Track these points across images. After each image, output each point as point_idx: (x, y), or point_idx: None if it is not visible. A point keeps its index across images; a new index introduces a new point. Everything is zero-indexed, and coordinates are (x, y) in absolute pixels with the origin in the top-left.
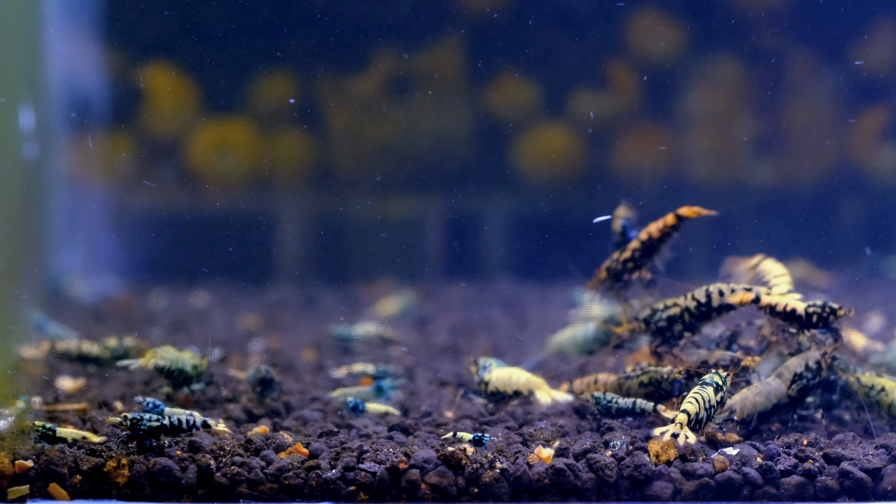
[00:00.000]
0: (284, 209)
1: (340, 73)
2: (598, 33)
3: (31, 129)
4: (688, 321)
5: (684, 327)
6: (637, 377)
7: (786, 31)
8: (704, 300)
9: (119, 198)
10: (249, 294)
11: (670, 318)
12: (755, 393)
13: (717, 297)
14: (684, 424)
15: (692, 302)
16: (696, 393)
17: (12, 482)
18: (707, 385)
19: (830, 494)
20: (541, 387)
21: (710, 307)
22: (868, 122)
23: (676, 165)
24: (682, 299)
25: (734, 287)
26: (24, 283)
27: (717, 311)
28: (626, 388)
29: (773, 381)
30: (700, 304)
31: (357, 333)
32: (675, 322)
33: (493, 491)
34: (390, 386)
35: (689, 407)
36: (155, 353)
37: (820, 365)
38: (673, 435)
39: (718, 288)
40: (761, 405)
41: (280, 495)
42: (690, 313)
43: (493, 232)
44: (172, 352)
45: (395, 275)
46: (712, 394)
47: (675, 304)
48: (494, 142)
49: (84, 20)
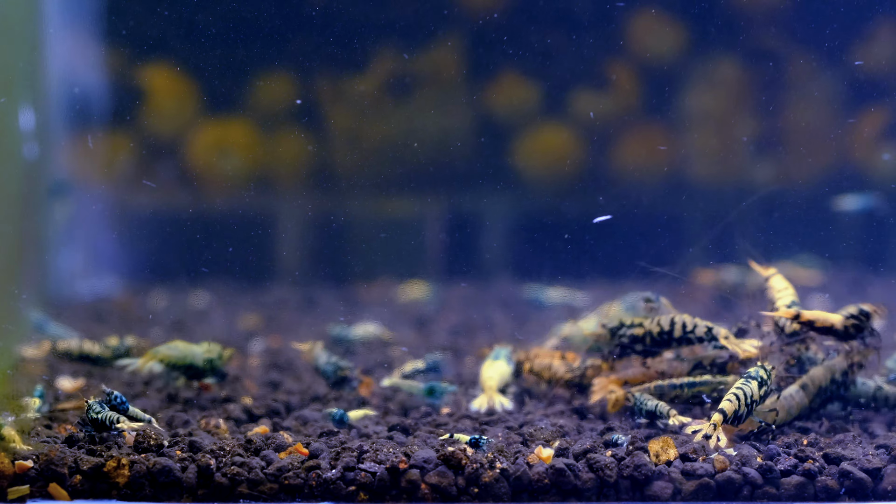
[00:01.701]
0: (284, 209)
1: (340, 74)
2: (598, 33)
3: (31, 129)
4: (648, 344)
5: (644, 349)
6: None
7: (786, 31)
8: (668, 328)
9: (119, 198)
10: (249, 294)
11: (633, 337)
12: (778, 407)
13: (679, 329)
14: (718, 425)
15: (656, 327)
16: (738, 388)
17: (12, 482)
18: (752, 379)
19: (830, 494)
20: (487, 391)
21: (672, 337)
22: (868, 122)
23: (676, 165)
24: (647, 321)
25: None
26: (24, 283)
27: (677, 342)
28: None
29: (797, 394)
30: (663, 332)
31: (355, 334)
32: (637, 342)
33: (493, 491)
34: (442, 390)
35: (727, 405)
36: (155, 354)
37: (847, 375)
38: (705, 436)
39: (683, 319)
40: (782, 420)
41: (280, 495)
42: (652, 338)
43: (493, 232)
44: (182, 346)
45: (394, 274)
46: (756, 388)
47: (640, 325)
48: (494, 142)
49: (84, 20)
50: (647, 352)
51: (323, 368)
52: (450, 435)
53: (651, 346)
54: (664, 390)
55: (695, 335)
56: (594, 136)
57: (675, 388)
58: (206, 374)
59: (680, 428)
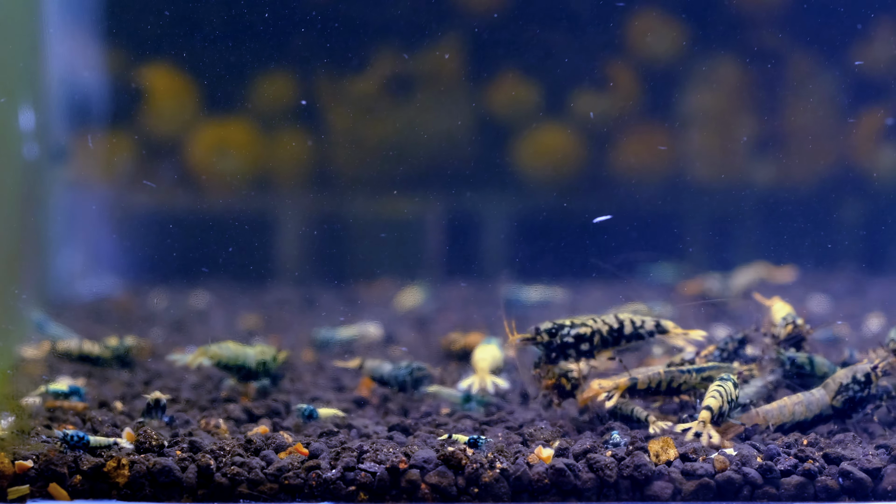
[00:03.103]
0: (284, 209)
1: (340, 73)
2: (598, 33)
3: (31, 129)
4: (597, 343)
5: (590, 348)
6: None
7: (786, 31)
8: (617, 325)
9: (119, 198)
10: (249, 294)
11: (579, 336)
12: (795, 402)
13: (629, 326)
14: (707, 422)
15: (605, 326)
16: (717, 387)
17: (12, 482)
18: (726, 380)
19: (830, 494)
20: (479, 372)
21: (622, 334)
22: (868, 122)
23: (676, 165)
24: (591, 321)
25: (656, 319)
26: (24, 283)
27: (626, 339)
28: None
29: (818, 391)
30: (612, 329)
31: (340, 336)
32: (584, 341)
33: (493, 491)
34: (480, 400)
35: (712, 402)
36: (206, 351)
37: (869, 378)
38: (696, 434)
39: (631, 317)
40: (801, 414)
41: (280, 495)
42: (601, 336)
43: (493, 232)
44: (233, 346)
45: (394, 274)
46: (732, 388)
47: (585, 325)
48: (494, 142)
49: (84, 20)
50: (585, 353)
51: (393, 375)
52: (448, 435)
53: (600, 345)
54: (674, 375)
55: (644, 330)
56: (594, 135)
57: (685, 373)
58: (258, 376)
59: (666, 431)
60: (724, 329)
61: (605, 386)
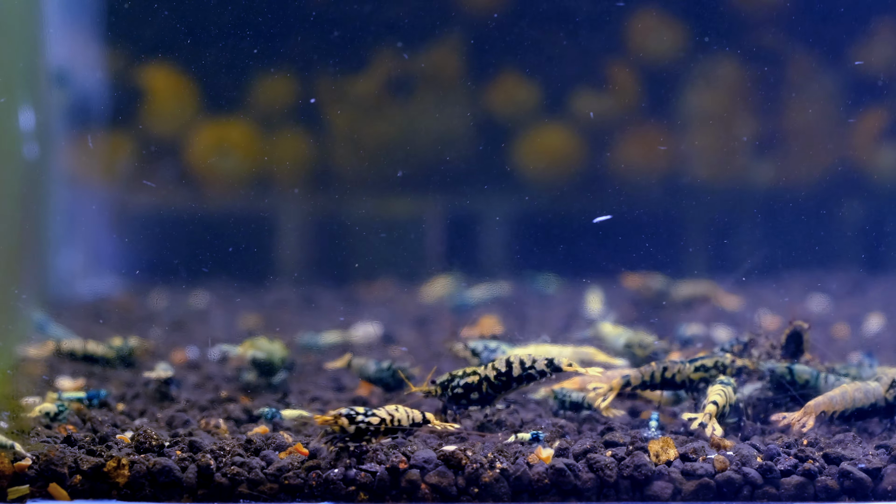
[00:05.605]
0: (284, 209)
1: (340, 73)
2: (598, 33)
3: (31, 129)
4: (485, 390)
5: (481, 396)
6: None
7: (786, 31)
8: (505, 369)
9: (119, 198)
10: (249, 294)
11: (467, 385)
12: (855, 388)
13: (518, 368)
14: (713, 416)
15: (492, 371)
16: (721, 388)
17: (12, 482)
18: (727, 384)
19: (830, 494)
20: None
21: (511, 377)
22: (868, 122)
23: (676, 165)
24: (482, 368)
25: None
26: (24, 283)
27: (517, 382)
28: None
29: (873, 383)
30: (500, 374)
31: (323, 342)
32: (473, 390)
33: (493, 491)
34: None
35: (718, 399)
36: (254, 344)
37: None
38: (701, 424)
39: (520, 358)
40: (860, 401)
41: (280, 495)
42: (490, 382)
43: (493, 232)
44: (266, 343)
45: (394, 274)
46: (731, 393)
47: (475, 373)
48: (494, 142)
49: (84, 20)
50: (483, 399)
51: (378, 376)
52: (514, 434)
53: (489, 392)
54: (667, 365)
55: (536, 370)
56: (594, 135)
57: (678, 363)
58: (277, 371)
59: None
60: (726, 330)
61: (600, 389)
